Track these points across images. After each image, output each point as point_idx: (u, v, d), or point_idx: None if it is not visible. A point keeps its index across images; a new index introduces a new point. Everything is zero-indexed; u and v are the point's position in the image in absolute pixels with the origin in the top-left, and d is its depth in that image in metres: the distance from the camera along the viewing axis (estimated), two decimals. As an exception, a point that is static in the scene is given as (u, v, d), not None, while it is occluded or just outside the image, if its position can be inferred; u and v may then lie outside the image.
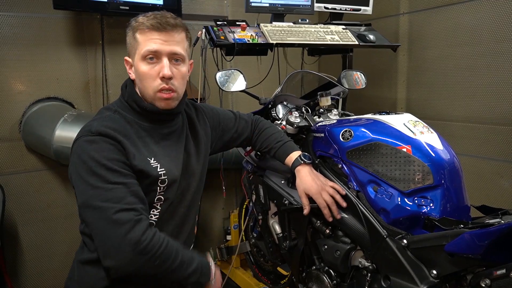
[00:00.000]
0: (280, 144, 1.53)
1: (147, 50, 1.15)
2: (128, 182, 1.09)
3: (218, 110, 1.55)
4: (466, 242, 1.04)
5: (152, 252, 1.04)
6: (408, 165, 1.26)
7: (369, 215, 1.32)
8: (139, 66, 1.17)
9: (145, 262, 1.03)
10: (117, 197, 1.05)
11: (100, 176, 1.06)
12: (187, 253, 1.14)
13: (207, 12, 2.76)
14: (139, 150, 1.16)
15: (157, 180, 1.17)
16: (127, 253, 1.01)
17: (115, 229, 1.02)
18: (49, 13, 2.21)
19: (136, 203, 1.07)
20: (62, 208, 2.38)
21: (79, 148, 1.10)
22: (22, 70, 2.20)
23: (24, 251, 2.31)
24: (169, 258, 1.07)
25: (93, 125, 1.13)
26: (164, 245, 1.07)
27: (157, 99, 1.19)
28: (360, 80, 2.09)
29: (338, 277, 1.46)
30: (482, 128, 2.24)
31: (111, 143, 1.10)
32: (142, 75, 1.17)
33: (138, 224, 1.03)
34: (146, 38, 1.15)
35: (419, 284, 1.17)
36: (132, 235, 1.01)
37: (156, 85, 1.17)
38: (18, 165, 2.25)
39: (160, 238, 1.07)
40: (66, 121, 2.09)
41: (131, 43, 1.20)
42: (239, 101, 2.90)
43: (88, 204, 1.06)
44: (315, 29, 2.30)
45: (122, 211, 1.03)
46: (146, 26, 1.15)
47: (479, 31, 2.19)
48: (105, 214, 1.03)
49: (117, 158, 1.09)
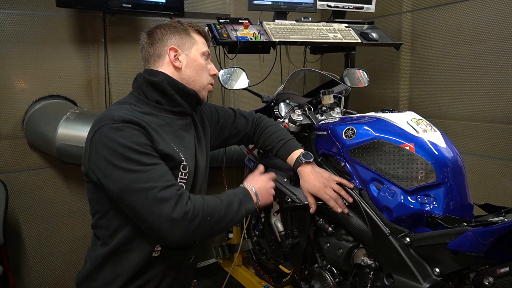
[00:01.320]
0: (282, 142, 1.53)
1: (207, 51, 1.37)
2: (161, 163, 1.14)
3: (217, 107, 1.57)
4: (469, 240, 1.03)
5: (200, 215, 1.11)
6: (411, 163, 1.26)
7: (372, 213, 1.32)
8: (199, 59, 1.34)
9: (198, 223, 1.11)
10: (157, 177, 1.09)
11: (135, 160, 1.08)
12: (226, 197, 1.23)
13: (209, 10, 2.75)
14: (162, 137, 1.20)
15: (180, 165, 1.22)
16: (180, 224, 1.08)
17: (163, 206, 1.07)
18: (52, 11, 2.21)
19: (173, 179, 1.14)
20: (65, 206, 2.39)
21: (104, 138, 1.10)
22: (25, 68, 2.21)
23: (27, 248, 2.32)
24: (216, 210, 1.16)
25: (114, 114, 1.13)
26: (206, 204, 1.14)
27: (206, 90, 1.38)
28: (363, 79, 2.09)
29: (341, 275, 1.46)
30: (484, 126, 2.23)
31: (136, 128, 1.12)
32: (202, 67, 1.35)
33: (181, 197, 1.10)
34: (201, 40, 1.37)
35: (422, 282, 1.17)
36: (180, 208, 1.08)
37: (210, 79, 1.39)
38: (21, 163, 2.26)
39: (200, 200, 1.15)
40: (68, 119, 2.09)
41: (185, 38, 1.33)
42: (241, 99, 2.90)
43: (129, 189, 1.07)
44: (318, 27, 2.30)
45: (164, 189, 1.09)
46: (201, 30, 1.37)
47: (482, 29, 2.19)
48: (151, 194, 1.07)
49: (145, 142, 1.12)
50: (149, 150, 1.12)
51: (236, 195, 1.25)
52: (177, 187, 1.12)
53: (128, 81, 2.45)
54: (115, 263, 1.18)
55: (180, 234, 1.08)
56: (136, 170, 1.07)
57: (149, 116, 1.22)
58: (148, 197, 1.06)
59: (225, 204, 1.19)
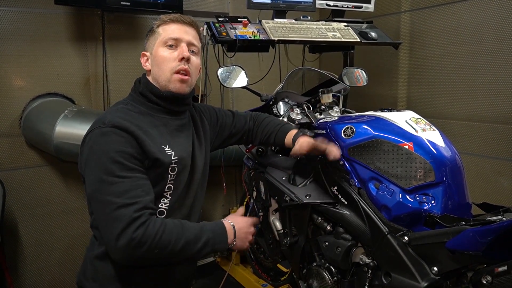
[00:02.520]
0: (279, 127, 1.54)
1: (169, 37, 1.24)
2: (133, 176, 1.10)
3: (215, 109, 1.58)
4: (467, 239, 1.04)
5: (147, 245, 1.05)
6: (409, 162, 1.26)
7: (370, 212, 1.32)
8: (159, 51, 1.25)
9: (143, 253, 1.06)
10: (120, 192, 1.07)
11: (106, 169, 1.08)
12: (193, 230, 1.15)
13: (208, 9, 2.75)
14: (153, 139, 1.19)
15: (168, 167, 1.20)
16: (123, 248, 1.04)
17: (113, 225, 1.05)
18: (50, 9, 2.20)
19: (140, 196, 1.09)
20: (62, 204, 2.38)
21: (91, 140, 1.14)
22: (23, 66, 2.20)
23: (24, 246, 2.31)
24: (169, 244, 1.09)
25: (107, 117, 1.15)
26: (159, 235, 1.07)
27: (173, 81, 1.24)
28: (362, 78, 2.09)
29: (339, 274, 1.46)
30: (482, 126, 2.24)
31: (122, 135, 1.12)
32: (161, 59, 1.24)
33: (134, 222, 1.05)
34: (168, 28, 1.26)
35: (420, 280, 1.17)
36: (126, 233, 1.04)
37: (174, 65, 1.24)
38: (18, 160, 2.25)
39: (154, 229, 1.07)
40: (66, 117, 2.09)
41: (151, 38, 1.28)
42: (240, 97, 2.90)
43: (94, 196, 1.10)
44: (317, 26, 2.30)
45: (122, 207, 1.05)
46: (169, 19, 1.27)
47: (481, 29, 2.19)
48: (107, 208, 1.06)
49: (125, 151, 1.11)
50: (125, 160, 1.10)
51: (207, 232, 1.16)
52: (136, 207, 1.06)
53: (126, 79, 2.48)
54: (113, 263, 1.18)
55: (120, 257, 1.06)
56: (104, 180, 1.07)
57: (145, 117, 1.23)
58: (105, 210, 1.07)
59: (186, 239, 1.11)
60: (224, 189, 2.57)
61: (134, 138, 1.13)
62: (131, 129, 1.13)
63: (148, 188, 1.13)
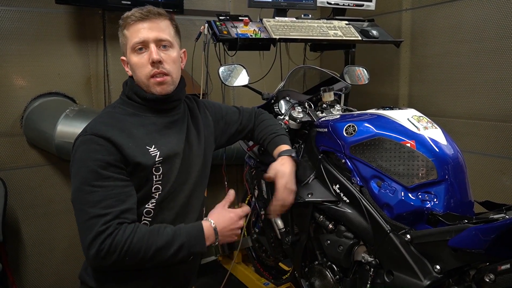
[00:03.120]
0: (273, 136, 1.53)
1: (135, 42, 1.19)
2: (108, 185, 1.10)
3: (221, 105, 1.56)
4: (470, 237, 1.03)
5: (116, 254, 1.07)
6: (412, 160, 1.26)
7: (372, 210, 1.32)
8: (131, 58, 1.22)
9: (114, 262, 1.08)
10: (94, 201, 1.08)
11: (82, 177, 1.10)
12: (166, 237, 1.12)
13: (209, 8, 2.75)
14: (137, 140, 1.18)
15: (152, 169, 1.19)
16: (93, 257, 1.07)
17: (85, 235, 1.07)
18: (51, 8, 2.20)
19: (112, 206, 1.09)
20: (63, 203, 2.38)
21: (75, 148, 1.16)
22: (24, 65, 2.20)
23: (26, 246, 2.31)
24: (139, 251, 1.09)
25: (90, 124, 1.18)
26: (128, 244, 1.07)
27: (151, 85, 1.22)
28: (363, 76, 2.08)
29: (341, 272, 1.46)
30: (484, 125, 2.23)
31: (99, 143, 1.12)
32: (134, 66, 1.22)
33: (100, 235, 1.06)
34: (132, 31, 1.20)
35: (422, 279, 1.17)
36: (94, 245, 1.06)
37: (147, 71, 1.20)
38: (20, 160, 2.25)
39: (123, 238, 1.07)
40: (67, 116, 2.09)
41: (123, 41, 1.25)
42: (241, 96, 2.90)
43: (73, 204, 1.13)
44: (318, 24, 2.29)
45: (93, 218, 1.07)
46: (131, 19, 1.20)
47: (483, 27, 2.18)
48: (81, 218, 1.09)
49: (101, 159, 1.11)
50: (101, 169, 1.10)
51: (180, 237, 1.14)
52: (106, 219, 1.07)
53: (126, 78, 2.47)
54: None
55: (93, 264, 1.09)
56: (80, 189, 1.09)
57: (132, 117, 1.23)
58: (79, 219, 1.10)
59: (156, 246, 1.10)
60: (226, 188, 2.57)
61: (113, 144, 1.13)
62: (109, 135, 1.13)
63: (125, 196, 1.12)
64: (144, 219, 1.21)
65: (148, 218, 1.21)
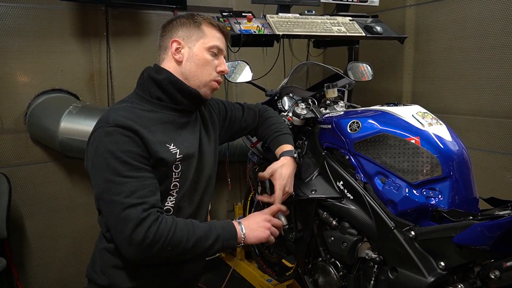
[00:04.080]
0: (277, 134, 1.53)
1: (215, 45, 1.28)
2: (140, 176, 1.10)
3: (224, 102, 1.56)
4: (475, 234, 1.03)
5: (160, 243, 1.06)
6: (416, 157, 1.25)
7: (376, 207, 1.32)
8: (204, 53, 1.27)
9: (156, 252, 1.06)
10: (128, 191, 1.07)
11: (113, 169, 1.07)
12: (203, 228, 1.15)
13: (212, 4, 2.74)
14: (158, 137, 1.18)
15: (173, 165, 1.19)
16: (136, 247, 1.05)
17: (123, 225, 1.05)
18: (54, 4, 2.20)
19: (147, 196, 1.09)
20: (67, 199, 2.39)
21: (96, 140, 1.12)
22: (27, 62, 2.20)
23: (30, 242, 2.33)
24: (181, 241, 1.09)
25: (110, 116, 1.14)
26: (172, 232, 1.08)
27: (208, 87, 1.30)
28: (367, 72, 2.08)
29: (345, 269, 1.46)
30: (488, 121, 2.22)
31: (126, 134, 1.11)
32: (205, 62, 1.27)
33: (144, 221, 1.05)
34: (213, 34, 1.29)
35: (426, 275, 1.17)
36: (138, 232, 1.04)
37: (214, 75, 1.30)
38: (23, 156, 2.26)
39: (167, 227, 1.08)
40: (71, 113, 2.09)
41: (193, 30, 1.27)
42: (244, 92, 2.90)
43: (102, 197, 1.09)
44: (322, 20, 2.28)
45: (130, 207, 1.05)
46: (215, 24, 1.30)
47: (487, 23, 2.17)
48: (116, 209, 1.06)
49: (132, 150, 1.10)
50: (132, 159, 1.09)
51: (217, 229, 1.17)
52: (144, 207, 1.07)
53: (130, 75, 2.47)
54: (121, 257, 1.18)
55: (134, 256, 1.07)
56: (111, 180, 1.07)
57: (150, 113, 1.21)
58: (114, 210, 1.07)
59: (197, 236, 1.12)
60: (229, 185, 2.57)
61: (139, 137, 1.12)
62: (135, 127, 1.12)
63: (155, 188, 1.13)
64: None
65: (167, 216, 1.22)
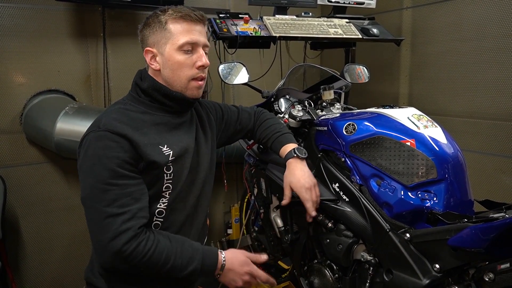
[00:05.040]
0: (278, 135, 1.52)
1: (186, 42, 1.18)
2: (124, 184, 1.09)
3: (220, 105, 1.56)
4: (470, 236, 1.03)
5: (134, 262, 1.06)
6: (411, 159, 1.25)
7: (372, 209, 1.32)
8: (175, 56, 1.19)
9: (129, 267, 1.07)
10: (110, 199, 1.07)
11: (98, 175, 1.08)
12: (184, 255, 1.12)
13: (209, 5, 2.74)
14: (151, 139, 1.17)
15: (164, 167, 1.19)
16: (110, 258, 1.06)
17: (101, 234, 1.05)
18: (51, 5, 2.19)
19: (129, 205, 1.08)
20: (63, 201, 2.38)
21: (86, 143, 1.13)
22: (23, 62, 2.19)
23: (26, 243, 2.31)
24: (156, 264, 1.08)
25: (102, 119, 1.14)
26: (149, 254, 1.07)
27: (190, 88, 1.23)
28: (363, 74, 2.08)
29: (340, 271, 1.46)
30: (484, 123, 2.23)
31: (115, 140, 1.10)
32: (178, 65, 1.20)
33: (121, 235, 1.05)
34: (182, 29, 1.19)
35: (421, 278, 1.17)
36: (114, 244, 1.04)
37: (192, 73, 1.22)
38: (19, 157, 2.25)
39: (145, 248, 1.07)
40: (67, 113, 2.08)
41: (160, 34, 1.20)
42: (241, 94, 2.90)
43: (84, 202, 1.10)
44: (318, 22, 2.29)
45: (110, 217, 1.05)
46: (179, 15, 1.19)
47: (483, 25, 2.17)
48: (96, 216, 1.07)
49: (118, 156, 1.09)
50: (117, 166, 1.08)
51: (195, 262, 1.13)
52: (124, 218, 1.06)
53: (127, 76, 2.47)
54: None
55: (107, 265, 1.08)
56: (94, 186, 1.07)
57: (144, 115, 1.21)
58: (94, 218, 1.08)
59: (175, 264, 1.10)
60: (225, 186, 2.57)
61: (129, 141, 1.11)
62: (125, 132, 1.11)
63: (139, 194, 1.12)
64: (156, 220, 1.21)
65: (160, 218, 1.21)
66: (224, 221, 2.94)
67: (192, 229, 1.31)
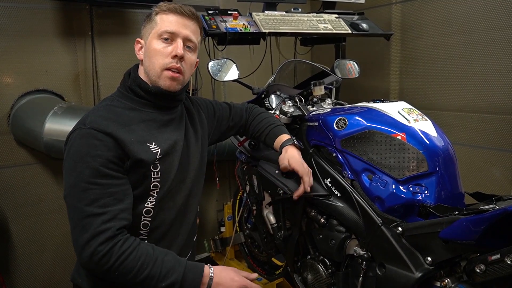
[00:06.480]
0: (272, 127, 1.53)
1: (165, 30, 1.18)
2: (106, 183, 1.07)
3: (212, 102, 1.55)
4: (460, 229, 1.04)
5: (108, 265, 1.03)
6: (402, 153, 1.26)
7: (364, 204, 1.32)
8: (152, 43, 1.19)
9: (103, 272, 1.04)
10: (90, 199, 1.05)
11: (80, 173, 1.06)
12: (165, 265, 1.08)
13: (198, 2, 2.71)
14: (138, 136, 1.16)
15: (151, 166, 1.17)
16: (86, 259, 1.03)
17: (80, 233, 1.04)
18: (37, 3, 2.16)
19: (110, 205, 1.06)
20: (53, 202, 2.35)
21: (71, 141, 1.11)
22: (10, 62, 2.16)
23: (16, 245, 2.28)
24: (130, 271, 1.05)
25: (88, 117, 1.13)
26: (124, 257, 1.04)
27: (163, 77, 1.20)
28: (354, 70, 2.08)
29: (333, 266, 1.47)
30: (474, 117, 2.25)
31: (99, 138, 1.09)
32: (153, 52, 1.19)
33: (99, 235, 1.03)
34: (165, 19, 1.20)
35: (414, 271, 1.18)
36: (91, 244, 1.02)
37: (166, 62, 1.18)
38: (7, 159, 2.21)
39: (120, 250, 1.04)
40: (56, 113, 2.06)
41: (148, 25, 1.22)
42: (232, 91, 2.89)
43: (66, 200, 1.09)
44: (308, 18, 2.28)
45: (89, 217, 1.04)
46: (167, 8, 1.20)
47: (472, 20, 2.19)
48: (76, 215, 1.05)
49: (101, 155, 1.08)
50: (100, 165, 1.07)
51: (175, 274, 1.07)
52: (104, 218, 1.03)
53: (116, 74, 2.44)
54: None
55: (84, 265, 1.05)
56: (76, 185, 1.05)
57: (132, 112, 1.19)
58: (74, 216, 1.06)
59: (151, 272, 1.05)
60: (217, 184, 2.56)
61: (114, 139, 1.10)
62: (110, 129, 1.10)
63: (122, 195, 1.10)
64: (144, 219, 1.19)
65: (148, 217, 1.19)
66: (217, 219, 2.93)
67: (182, 228, 1.29)
